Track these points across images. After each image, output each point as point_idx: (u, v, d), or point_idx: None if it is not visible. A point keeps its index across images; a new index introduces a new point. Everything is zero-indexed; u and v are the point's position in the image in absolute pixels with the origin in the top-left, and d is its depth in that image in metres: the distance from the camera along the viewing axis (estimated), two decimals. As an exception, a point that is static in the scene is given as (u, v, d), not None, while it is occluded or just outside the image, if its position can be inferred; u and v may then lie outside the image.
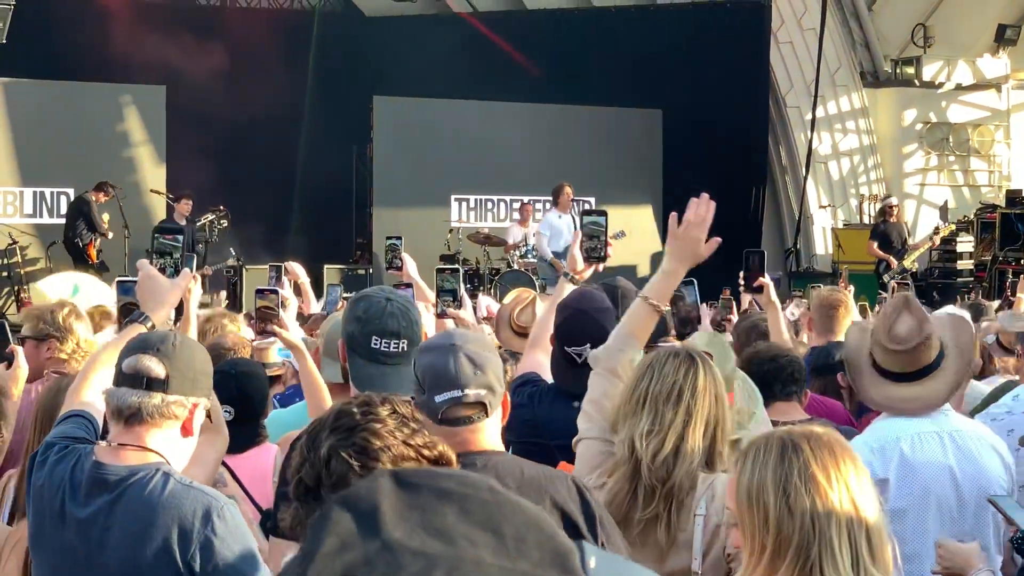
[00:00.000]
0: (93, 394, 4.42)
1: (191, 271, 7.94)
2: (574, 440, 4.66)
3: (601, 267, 6.07)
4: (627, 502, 4.31)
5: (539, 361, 5.79)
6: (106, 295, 8.55)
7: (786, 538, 3.20)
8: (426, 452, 3.08)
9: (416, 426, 3.14)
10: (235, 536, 3.91)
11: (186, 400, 4.06)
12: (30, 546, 4.24)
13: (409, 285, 7.54)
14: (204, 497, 3.96)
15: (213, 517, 3.89)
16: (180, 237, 5.09)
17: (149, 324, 4.70)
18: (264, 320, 6.88)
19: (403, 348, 4.48)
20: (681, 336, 5.81)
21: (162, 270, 4.94)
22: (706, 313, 9.31)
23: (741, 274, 6.62)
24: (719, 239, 4.79)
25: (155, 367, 4.00)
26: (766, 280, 6.76)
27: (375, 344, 4.48)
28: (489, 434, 3.91)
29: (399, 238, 8.08)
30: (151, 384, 4.01)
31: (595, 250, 5.84)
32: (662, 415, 4.27)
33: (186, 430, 4.10)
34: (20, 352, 6.35)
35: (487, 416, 3.86)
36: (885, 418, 5.11)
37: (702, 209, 4.81)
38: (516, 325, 7.52)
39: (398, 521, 1.49)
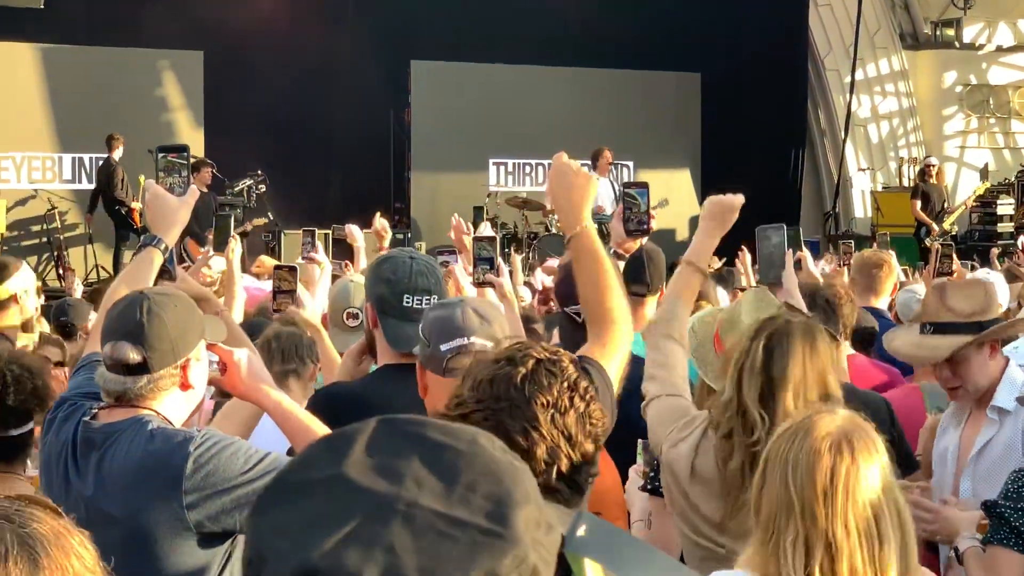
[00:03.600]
0: None
1: (231, 233, 7.90)
2: (643, 405, 4.60)
3: (645, 239, 6.01)
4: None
5: None
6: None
7: None
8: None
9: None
10: (220, 452, 3.89)
11: (173, 368, 4.04)
12: None
13: (453, 251, 7.56)
14: (178, 433, 3.96)
15: (190, 448, 3.87)
16: (186, 154, 4.93)
17: (162, 246, 4.68)
18: (279, 297, 6.84)
19: (435, 304, 4.51)
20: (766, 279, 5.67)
21: (170, 189, 4.81)
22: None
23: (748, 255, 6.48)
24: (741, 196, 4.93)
25: (131, 353, 3.97)
26: (804, 253, 6.64)
27: (407, 302, 4.51)
28: None
29: (480, 207, 8.08)
30: (132, 370, 3.99)
31: (639, 223, 5.75)
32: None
33: (184, 386, 4.09)
34: None
35: None
36: None
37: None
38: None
39: (361, 459, 1.53)
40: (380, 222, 9.44)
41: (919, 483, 5.24)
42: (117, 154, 20.67)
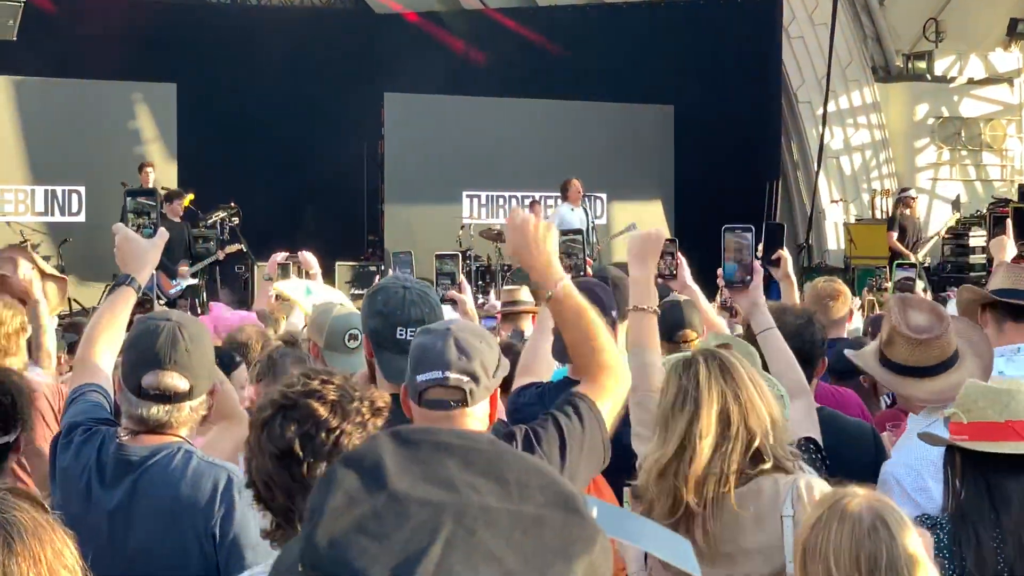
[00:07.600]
0: (103, 360, 4.45)
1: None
2: (638, 464, 4.44)
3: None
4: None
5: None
6: (335, 298, 8.59)
7: None
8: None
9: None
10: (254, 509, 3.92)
11: (208, 395, 4.11)
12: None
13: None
14: (224, 471, 4.02)
15: (233, 490, 3.94)
16: (155, 197, 5.12)
17: (136, 285, 4.70)
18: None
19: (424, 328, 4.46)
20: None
21: (139, 230, 4.93)
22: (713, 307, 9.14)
23: (759, 246, 6.50)
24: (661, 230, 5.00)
25: (179, 383, 4.00)
26: (784, 253, 6.64)
27: (401, 335, 4.41)
28: (470, 426, 3.84)
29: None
30: (176, 397, 4.02)
31: (574, 268, 5.81)
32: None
33: (208, 410, 4.18)
34: None
35: (467, 405, 3.83)
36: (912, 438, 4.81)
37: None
38: None
39: (402, 474, 1.53)
40: (304, 255, 9.48)
41: None
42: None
